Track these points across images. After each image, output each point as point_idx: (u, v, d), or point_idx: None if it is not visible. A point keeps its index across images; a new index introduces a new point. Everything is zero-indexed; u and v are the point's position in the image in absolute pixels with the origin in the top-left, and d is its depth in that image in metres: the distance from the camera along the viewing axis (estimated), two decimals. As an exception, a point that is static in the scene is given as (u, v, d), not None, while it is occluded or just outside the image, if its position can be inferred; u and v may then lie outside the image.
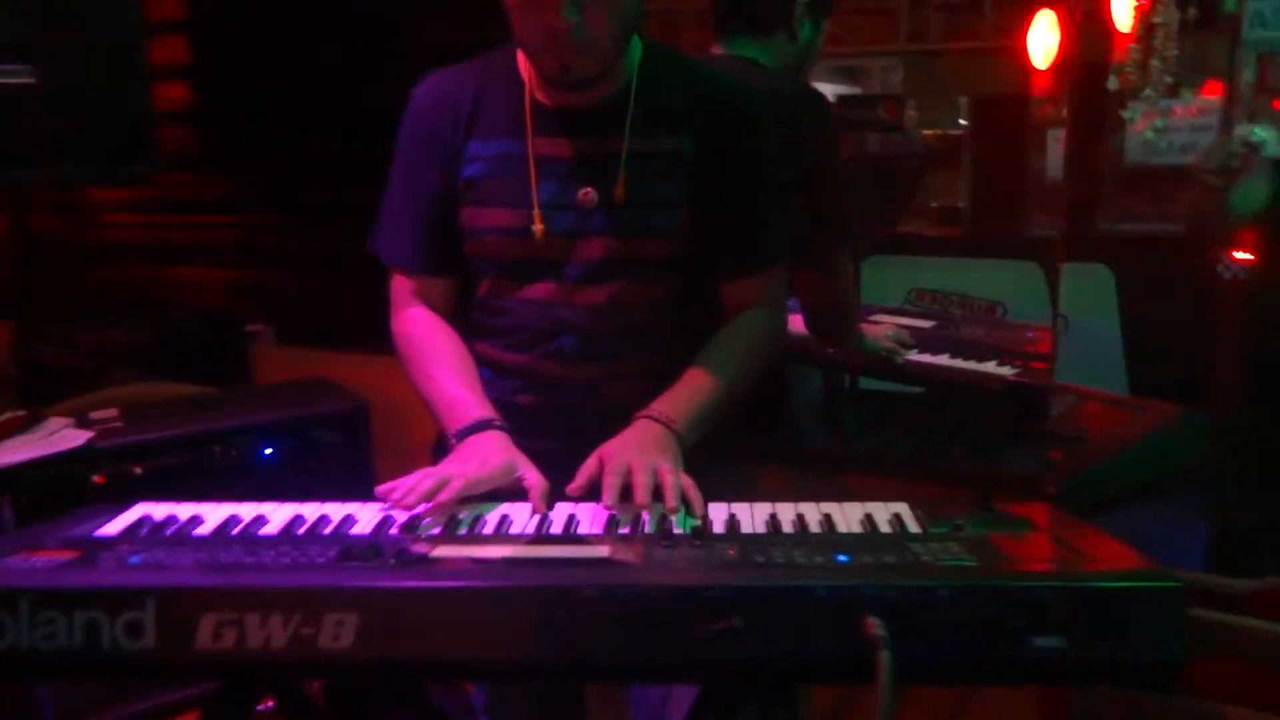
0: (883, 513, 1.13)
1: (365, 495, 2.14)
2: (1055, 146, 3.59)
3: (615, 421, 1.26)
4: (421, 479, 1.15)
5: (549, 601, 0.88)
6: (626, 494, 1.14)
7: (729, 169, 1.33)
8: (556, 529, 1.11)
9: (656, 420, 1.25)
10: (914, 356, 2.18)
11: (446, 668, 0.92)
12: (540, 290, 1.33)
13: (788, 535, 1.06)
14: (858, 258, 2.01)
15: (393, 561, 0.95)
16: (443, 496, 1.14)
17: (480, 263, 1.35)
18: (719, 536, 1.01)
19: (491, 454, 1.22)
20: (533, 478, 1.20)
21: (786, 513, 1.12)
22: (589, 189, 1.29)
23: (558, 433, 1.35)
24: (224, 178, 2.87)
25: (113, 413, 1.99)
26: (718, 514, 1.13)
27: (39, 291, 2.55)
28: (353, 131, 2.27)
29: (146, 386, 2.33)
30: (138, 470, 1.91)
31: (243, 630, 0.89)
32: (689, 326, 1.37)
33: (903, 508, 1.15)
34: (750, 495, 1.16)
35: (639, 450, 1.20)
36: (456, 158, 1.33)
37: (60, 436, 1.88)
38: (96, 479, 1.86)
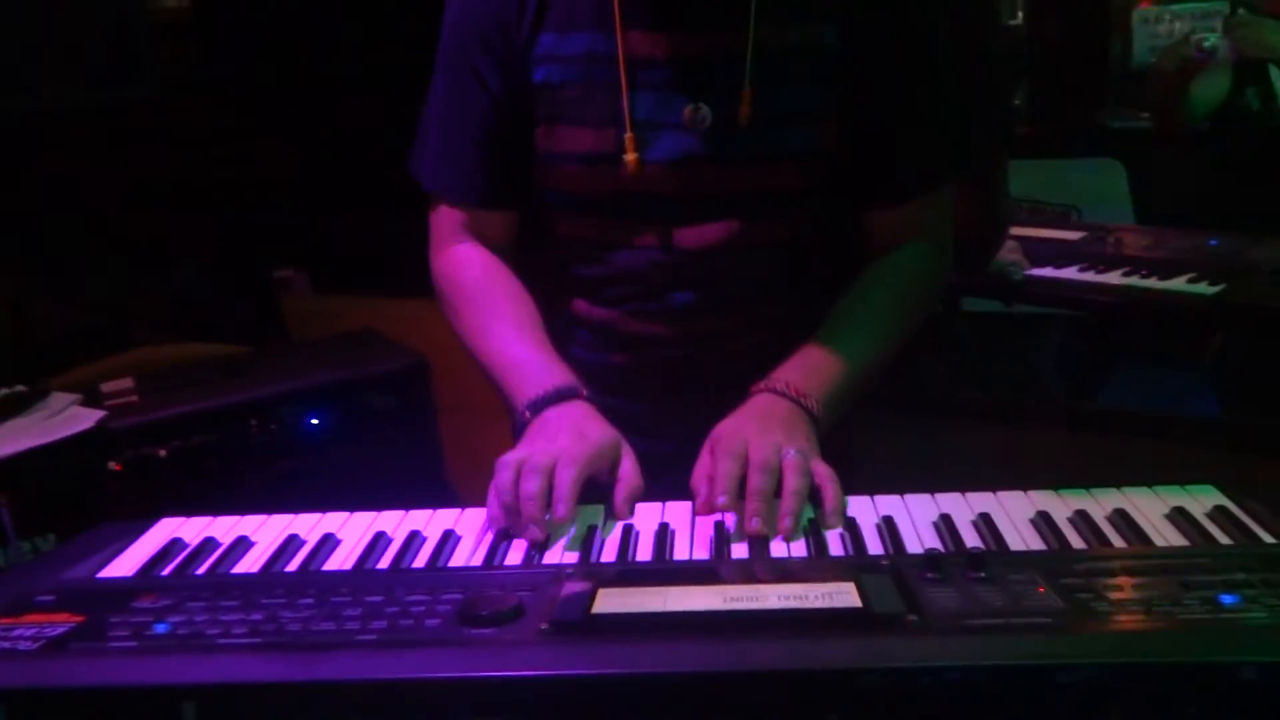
0: (1194, 505, 0.83)
1: (432, 467, 1.92)
2: (1142, 28, 3.41)
3: (737, 382, 0.99)
4: (521, 475, 0.86)
5: (808, 694, 0.59)
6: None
7: (886, 61, 1.01)
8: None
9: (782, 394, 0.95)
10: (1044, 272, 1.90)
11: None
12: (636, 233, 1.04)
13: (1082, 555, 0.76)
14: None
15: (545, 628, 0.65)
16: (563, 505, 0.85)
17: (556, 197, 1.06)
18: (978, 558, 0.71)
19: (589, 427, 0.93)
20: (628, 471, 0.92)
21: (1018, 506, 0.84)
22: (699, 103, 0.99)
23: (661, 396, 1.08)
24: (236, 101, 2.57)
25: (127, 383, 1.72)
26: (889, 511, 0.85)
27: (37, 242, 2.28)
28: (389, 34, 1.96)
29: (165, 349, 2.06)
30: (161, 453, 1.64)
31: (331, 749, 0.60)
32: (829, 265, 1.07)
33: (1214, 494, 0.84)
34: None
35: (761, 432, 0.90)
36: (521, 57, 1.02)
37: (67, 417, 1.60)
38: (114, 466, 1.59)
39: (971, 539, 0.80)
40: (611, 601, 0.68)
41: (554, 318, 1.10)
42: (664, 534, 0.84)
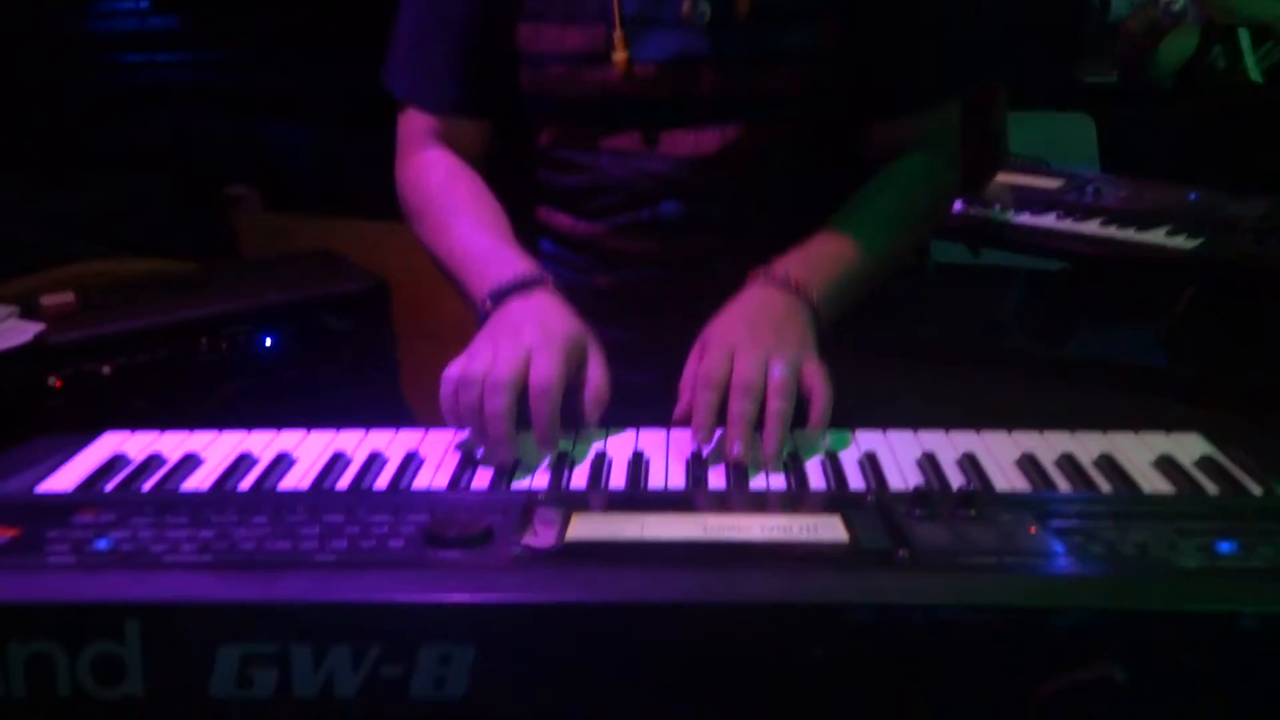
0: (1181, 453, 0.82)
1: (389, 394, 1.87)
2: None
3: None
4: (486, 392, 0.81)
5: (792, 628, 0.56)
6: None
7: None
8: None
9: (780, 284, 0.91)
10: (1021, 219, 1.90)
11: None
12: (626, 140, 1.00)
13: (1071, 498, 0.75)
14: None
15: (518, 551, 0.62)
16: (544, 433, 0.81)
17: (538, 103, 1.01)
18: (969, 496, 0.69)
19: (554, 321, 0.87)
20: (595, 373, 0.87)
21: (1002, 446, 0.82)
22: None
23: (646, 323, 1.04)
24: (189, 3, 2.45)
25: (69, 297, 1.64)
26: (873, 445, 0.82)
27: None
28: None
29: (108, 263, 1.97)
30: (104, 370, 1.57)
31: (287, 670, 0.57)
32: (829, 184, 1.04)
33: (1199, 443, 0.84)
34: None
35: (750, 333, 0.86)
36: None
37: (4, 329, 1.53)
38: (54, 382, 1.52)
39: (956, 478, 0.78)
40: (586, 528, 0.65)
41: (531, 236, 1.06)
42: (638, 462, 0.81)
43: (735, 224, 1.03)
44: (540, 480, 0.80)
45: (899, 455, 0.82)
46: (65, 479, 0.80)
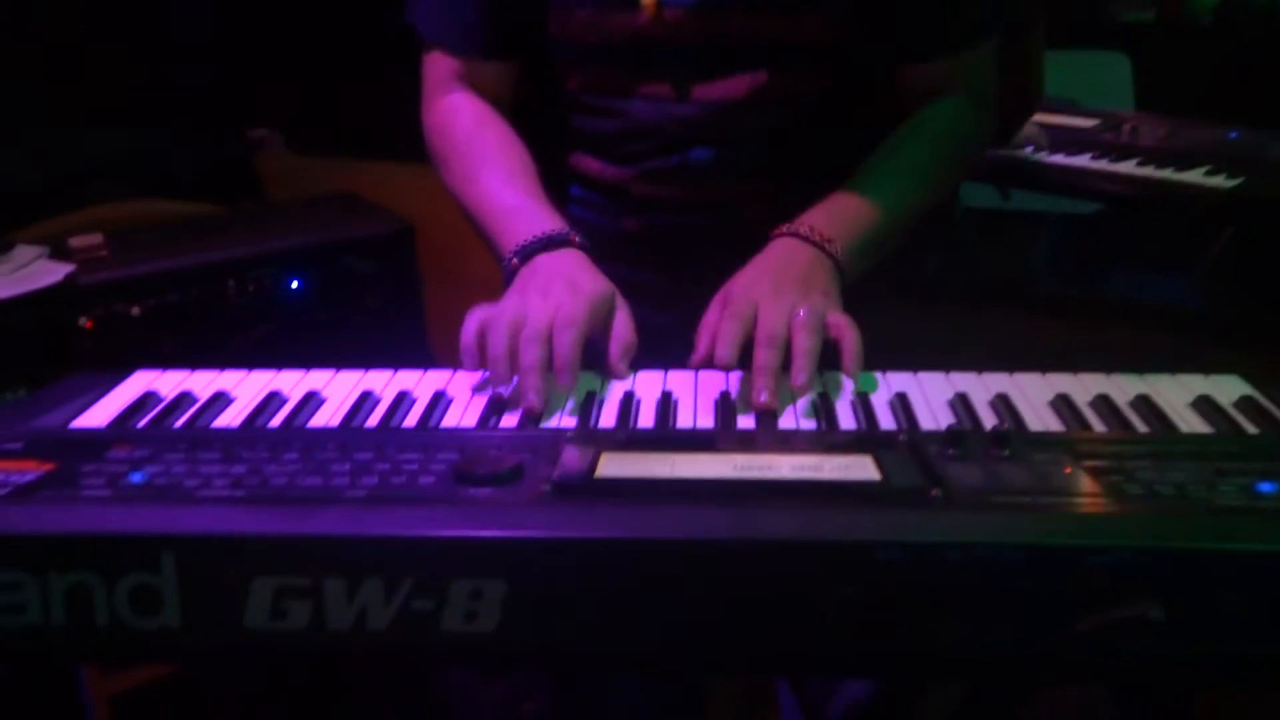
0: (1220, 394, 0.81)
1: (414, 338, 1.88)
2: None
3: (754, 253, 0.93)
4: (521, 344, 0.81)
5: (824, 566, 0.56)
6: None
7: None
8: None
9: (805, 239, 0.91)
10: (1055, 159, 1.86)
11: (641, 660, 0.60)
12: (656, 85, 0.99)
13: (1108, 438, 0.74)
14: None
15: (546, 488, 0.62)
16: (567, 374, 0.81)
17: (566, 48, 1.00)
18: (1003, 436, 0.68)
19: (582, 278, 0.88)
20: (622, 325, 0.87)
21: (1035, 388, 0.81)
22: None
23: (671, 266, 1.04)
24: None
25: (97, 239, 1.64)
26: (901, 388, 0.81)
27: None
28: None
29: (134, 205, 1.97)
30: (134, 311, 1.58)
31: (320, 603, 0.58)
32: (859, 130, 1.02)
33: (1238, 384, 0.83)
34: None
35: (774, 287, 0.86)
36: None
37: (34, 270, 1.54)
38: (85, 323, 1.53)
39: (989, 418, 0.77)
40: (615, 466, 0.65)
41: (559, 180, 1.05)
42: (667, 402, 0.81)
43: (764, 170, 1.01)
44: (569, 419, 0.79)
45: (930, 396, 0.81)
46: (99, 415, 0.80)
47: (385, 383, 0.86)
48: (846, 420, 0.78)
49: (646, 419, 0.79)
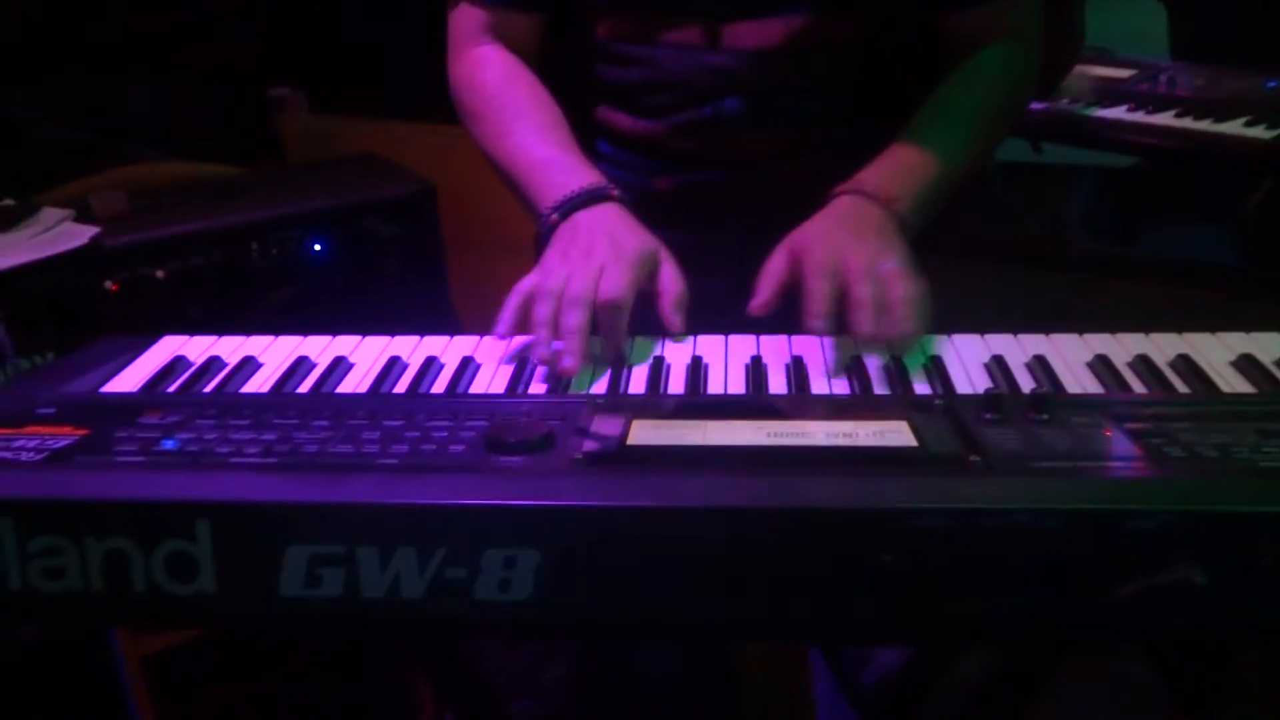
0: (1262, 352, 0.80)
1: (438, 301, 1.88)
2: None
3: (790, 215, 0.93)
4: (562, 307, 0.81)
5: (862, 534, 0.56)
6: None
7: None
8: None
9: (869, 197, 0.89)
10: (1089, 112, 1.82)
11: (676, 629, 0.61)
12: (686, 32, 0.97)
13: (1148, 400, 0.73)
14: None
15: (580, 457, 0.62)
16: (611, 330, 0.81)
17: None
18: (1041, 399, 0.67)
19: (624, 235, 0.87)
20: (669, 278, 0.86)
21: (1073, 349, 0.81)
22: None
23: (706, 226, 1.02)
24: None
25: (121, 201, 1.64)
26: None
27: (17, 51, 2.16)
28: None
29: (156, 167, 1.96)
30: (159, 274, 1.58)
31: (354, 571, 0.58)
32: (900, 82, 1.00)
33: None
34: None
35: (855, 240, 0.84)
36: None
37: (60, 233, 1.54)
38: (110, 286, 1.53)
39: (1027, 382, 0.77)
40: (647, 433, 0.65)
41: (588, 136, 1.04)
42: (697, 367, 0.81)
43: (800, 122, 1.00)
44: (598, 386, 0.79)
45: (965, 359, 0.81)
46: (129, 380, 0.81)
47: (412, 348, 0.86)
48: (880, 385, 0.77)
49: (676, 385, 0.79)
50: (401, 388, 0.80)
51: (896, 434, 0.64)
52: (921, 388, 0.77)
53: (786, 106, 0.99)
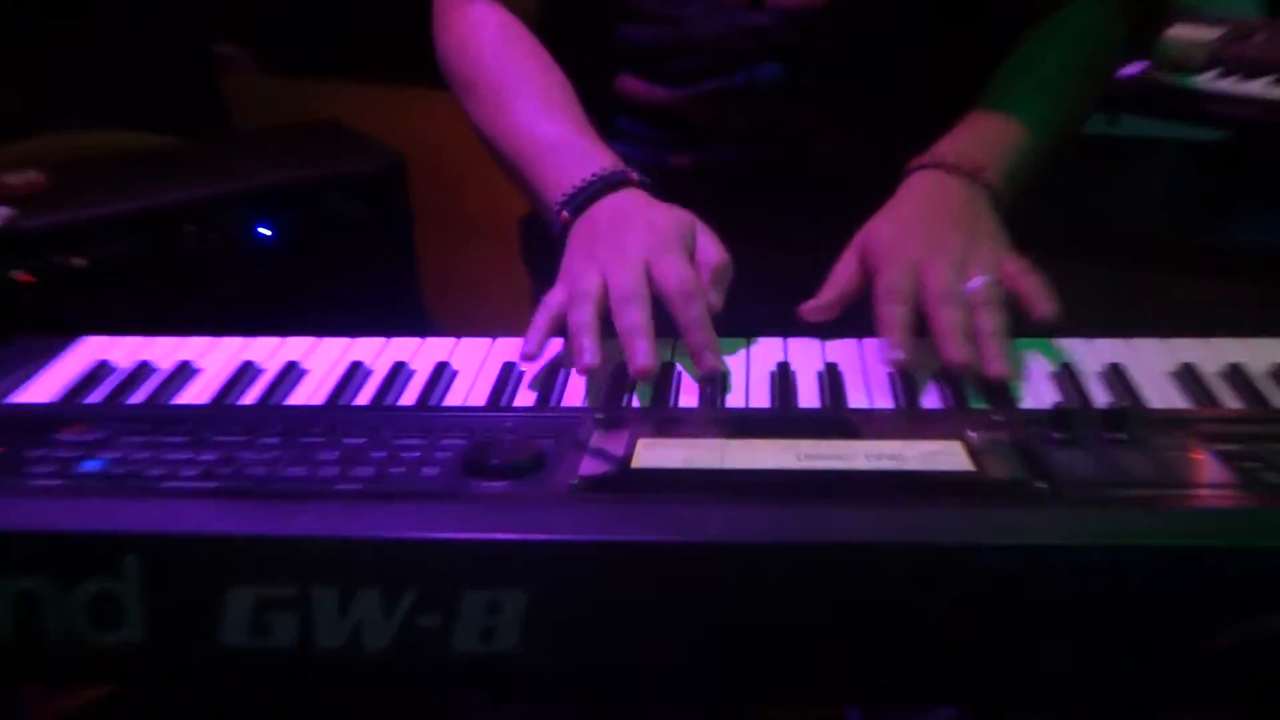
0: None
1: (405, 294, 1.88)
2: None
3: (827, 194, 0.94)
4: (616, 302, 0.80)
5: (908, 575, 0.56)
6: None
7: None
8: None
9: (951, 170, 0.89)
10: (1188, 79, 1.82)
11: (687, 687, 0.60)
12: None
13: (1243, 416, 0.73)
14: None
15: (575, 482, 0.62)
16: (696, 325, 0.80)
17: None
18: (1118, 415, 0.68)
19: (655, 215, 0.87)
20: (710, 251, 0.86)
21: (1155, 355, 0.81)
22: None
23: (732, 212, 1.00)
24: None
25: (38, 176, 1.65)
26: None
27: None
28: None
29: (82, 136, 1.97)
30: (80, 262, 1.59)
31: (309, 617, 0.58)
32: (960, 44, 1.01)
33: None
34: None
35: (929, 240, 0.84)
36: None
37: (-37, 214, 1.54)
38: (20, 277, 1.54)
39: (1101, 394, 0.77)
40: (656, 454, 0.65)
41: (595, 106, 1.04)
42: (714, 375, 0.80)
43: (847, 94, 1.01)
44: (598, 397, 0.79)
45: (1030, 367, 0.81)
46: (44, 389, 0.81)
47: (377, 352, 0.86)
48: (930, 397, 0.77)
49: (689, 396, 0.79)
50: (365, 399, 0.80)
51: (949, 457, 0.64)
52: (978, 402, 0.77)
53: (831, 75, 1.00)
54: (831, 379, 0.79)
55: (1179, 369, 0.80)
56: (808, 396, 0.78)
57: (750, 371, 0.82)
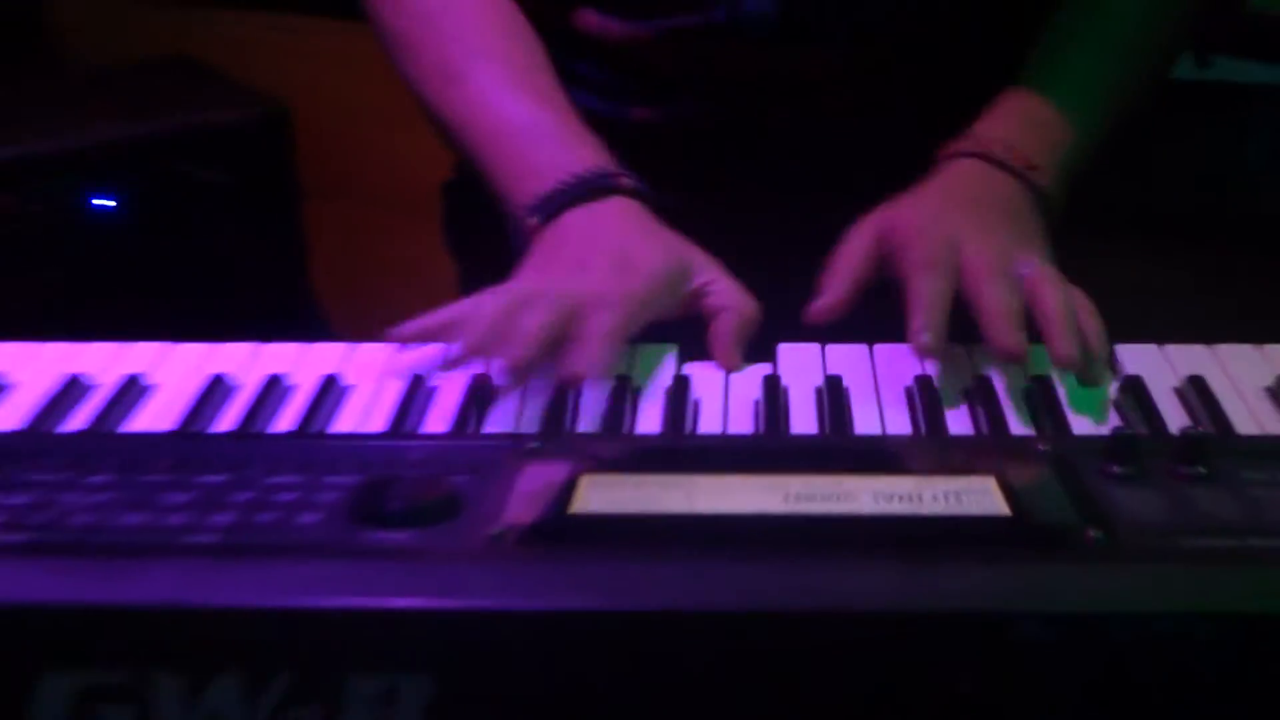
0: None
1: (289, 284, 1.89)
2: None
3: (823, 168, 0.99)
4: (522, 305, 0.83)
5: (928, 650, 0.58)
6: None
7: None
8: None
9: (1000, 165, 0.94)
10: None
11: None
12: None
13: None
14: None
15: (499, 533, 0.63)
16: (595, 365, 0.82)
17: None
18: (1195, 444, 0.69)
19: (638, 247, 0.90)
20: (724, 293, 0.91)
21: (1247, 368, 0.85)
22: None
23: (702, 180, 1.09)
24: None
25: None
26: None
27: None
28: None
29: None
30: None
31: (148, 712, 0.59)
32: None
33: None
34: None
35: (977, 226, 0.89)
36: None
37: None
38: None
39: (1176, 416, 0.79)
40: (604, 495, 0.66)
41: (545, 43, 1.07)
42: (681, 393, 0.82)
43: (855, 34, 1.04)
44: (530, 419, 0.81)
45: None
46: None
47: (246, 362, 0.88)
48: (958, 420, 0.80)
49: (650, 420, 0.81)
50: (228, 423, 0.81)
51: (979, 497, 0.65)
52: (1018, 424, 0.79)
53: (834, 11, 1.03)
54: (833, 396, 0.81)
55: (1277, 384, 0.82)
56: (802, 419, 0.80)
57: (730, 388, 0.84)
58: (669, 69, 1.07)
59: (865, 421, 0.79)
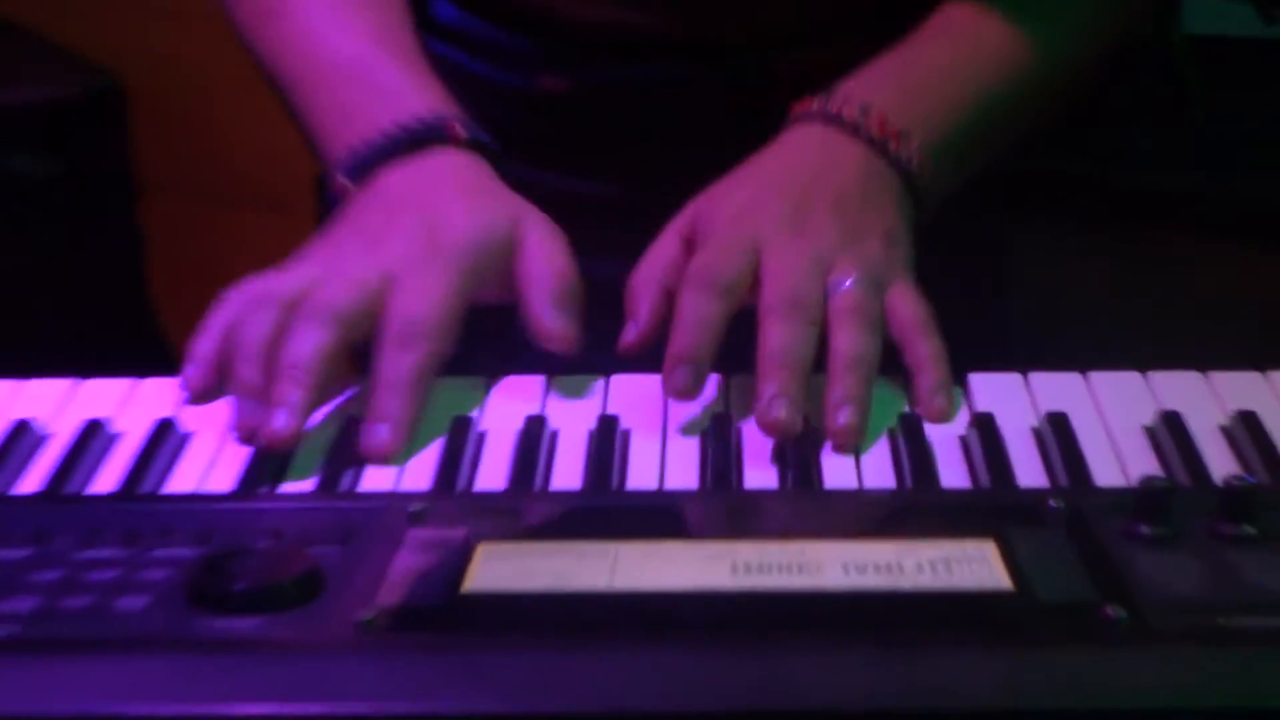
0: None
1: (124, 298, 1.89)
2: None
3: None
4: (300, 315, 0.84)
5: None
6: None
7: None
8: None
9: (853, 128, 0.96)
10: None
11: None
12: None
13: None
14: None
15: (372, 618, 0.63)
16: (404, 376, 0.84)
17: None
18: (1240, 498, 0.70)
19: (451, 208, 0.92)
20: (538, 253, 0.92)
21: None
22: None
23: (624, 165, 1.12)
24: None
25: None
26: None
27: None
28: None
29: None
30: None
31: None
32: None
33: None
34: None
35: (792, 211, 0.92)
36: None
37: None
38: None
39: (1221, 462, 0.80)
40: (504, 569, 0.67)
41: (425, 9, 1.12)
42: (607, 436, 0.84)
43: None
44: (416, 475, 0.82)
45: (1108, 417, 0.85)
46: None
47: (59, 401, 0.89)
48: (951, 469, 0.81)
49: (568, 472, 0.82)
50: (32, 483, 0.82)
51: (975, 566, 0.66)
52: (1026, 473, 0.80)
53: None
54: (797, 440, 0.82)
55: (1344, 422, 0.85)
56: (758, 470, 0.81)
57: (668, 428, 0.85)
58: (582, 27, 1.09)
59: (837, 473, 0.80)
